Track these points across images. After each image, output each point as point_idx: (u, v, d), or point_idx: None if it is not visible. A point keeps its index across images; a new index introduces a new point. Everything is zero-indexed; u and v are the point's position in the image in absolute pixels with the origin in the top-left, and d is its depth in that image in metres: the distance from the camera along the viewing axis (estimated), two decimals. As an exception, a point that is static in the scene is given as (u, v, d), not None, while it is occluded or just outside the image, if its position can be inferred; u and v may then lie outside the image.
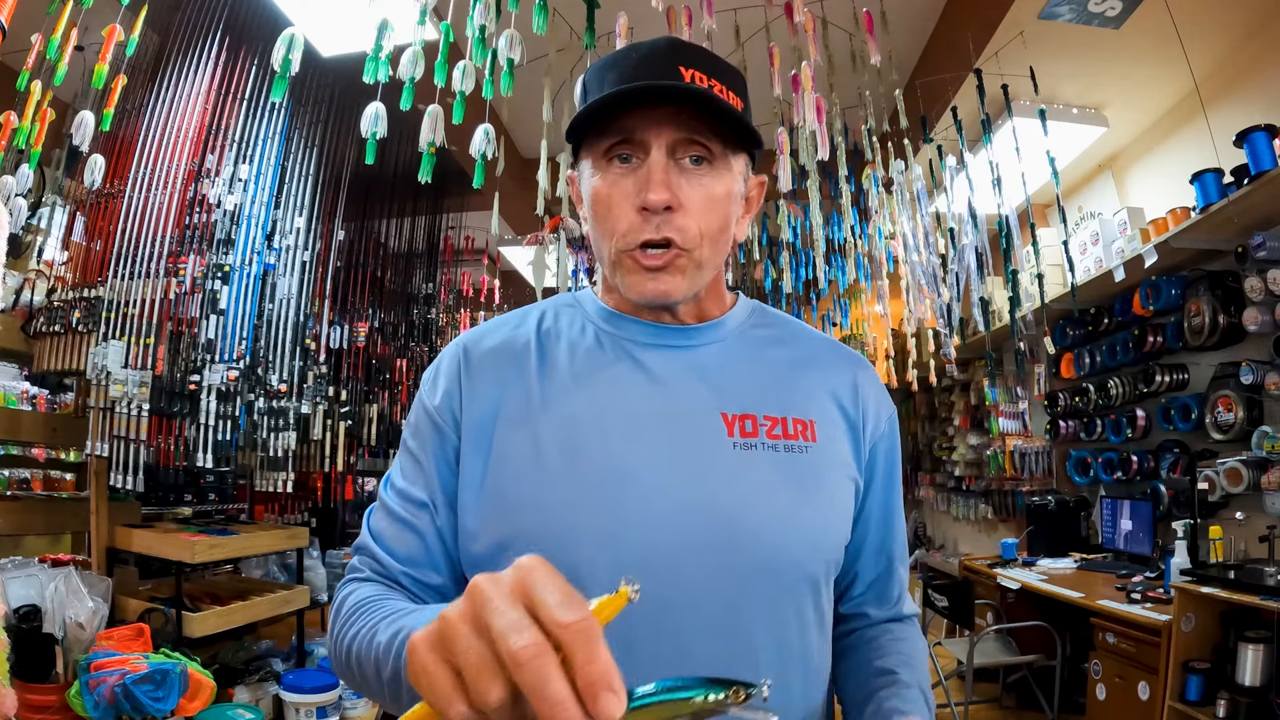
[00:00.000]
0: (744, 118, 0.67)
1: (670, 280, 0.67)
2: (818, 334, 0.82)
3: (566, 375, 0.72)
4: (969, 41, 2.89)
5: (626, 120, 0.66)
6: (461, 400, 0.73)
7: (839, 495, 0.71)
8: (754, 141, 0.70)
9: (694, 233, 0.67)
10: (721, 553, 0.64)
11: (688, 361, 0.72)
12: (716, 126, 0.67)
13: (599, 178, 0.69)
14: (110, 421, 2.42)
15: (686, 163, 0.67)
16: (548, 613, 0.35)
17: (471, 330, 0.80)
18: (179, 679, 1.99)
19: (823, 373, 0.75)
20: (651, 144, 0.65)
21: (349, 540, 3.85)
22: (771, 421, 0.69)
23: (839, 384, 0.75)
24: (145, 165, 2.60)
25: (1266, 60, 2.70)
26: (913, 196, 3.33)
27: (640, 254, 0.67)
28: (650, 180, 0.65)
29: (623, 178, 0.67)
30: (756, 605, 0.65)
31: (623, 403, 0.70)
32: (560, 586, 0.37)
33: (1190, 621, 2.24)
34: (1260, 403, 2.61)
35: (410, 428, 0.76)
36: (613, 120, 0.66)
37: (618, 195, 0.67)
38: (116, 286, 2.50)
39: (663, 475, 0.65)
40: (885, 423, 0.77)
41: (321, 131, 3.19)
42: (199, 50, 2.72)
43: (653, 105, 0.65)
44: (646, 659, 0.62)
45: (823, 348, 0.79)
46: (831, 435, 0.72)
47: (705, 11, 2.14)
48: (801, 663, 0.67)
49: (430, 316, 4.29)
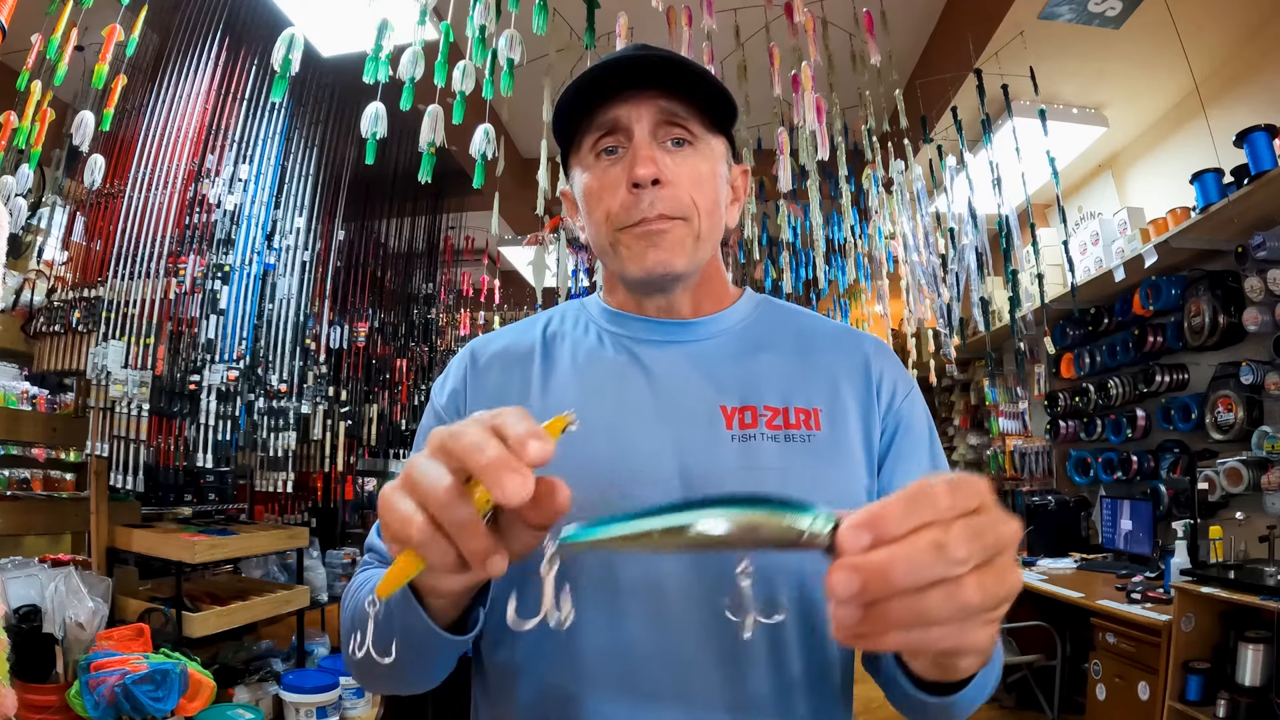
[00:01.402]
0: (719, 82, 0.70)
1: (670, 249, 0.69)
2: (827, 321, 0.81)
3: (568, 373, 0.74)
4: (969, 41, 2.89)
5: (608, 112, 0.69)
6: (466, 399, 0.76)
7: (846, 482, 0.69)
8: (730, 113, 0.73)
9: (686, 202, 0.69)
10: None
11: (688, 356, 0.73)
12: (694, 107, 0.70)
13: (589, 174, 0.71)
14: (110, 421, 2.42)
15: (669, 145, 0.69)
16: (498, 429, 0.40)
17: (481, 336, 0.83)
18: (179, 679, 1.99)
19: (831, 358, 0.74)
20: (634, 128, 0.68)
21: (349, 540, 3.85)
22: (772, 412, 0.69)
23: (849, 367, 0.74)
24: (145, 165, 2.60)
25: (1266, 60, 2.70)
26: (913, 196, 3.33)
27: (636, 226, 0.68)
28: (637, 157, 0.67)
29: (611, 167, 0.70)
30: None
31: (622, 398, 0.71)
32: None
33: (1190, 621, 2.24)
34: (1260, 403, 2.61)
35: (421, 430, 0.80)
36: (595, 115, 0.69)
37: (608, 182, 0.69)
38: (116, 286, 2.50)
39: (660, 469, 0.66)
40: (903, 396, 0.74)
41: (321, 131, 3.19)
42: (199, 50, 2.72)
43: (632, 90, 0.68)
44: (640, 651, 0.63)
45: (832, 332, 0.78)
46: (840, 421, 0.71)
47: (705, 11, 2.14)
48: (803, 655, 0.66)
49: (430, 316, 4.29)
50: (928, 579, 0.32)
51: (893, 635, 0.33)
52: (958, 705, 0.56)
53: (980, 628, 0.34)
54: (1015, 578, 0.35)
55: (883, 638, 0.33)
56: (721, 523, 0.37)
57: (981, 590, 0.33)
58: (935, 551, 0.32)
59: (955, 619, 0.33)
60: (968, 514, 0.33)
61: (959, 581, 0.32)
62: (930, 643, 0.34)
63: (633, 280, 0.72)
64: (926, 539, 0.32)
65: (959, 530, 0.32)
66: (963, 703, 0.56)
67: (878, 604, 0.32)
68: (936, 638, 0.34)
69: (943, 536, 0.32)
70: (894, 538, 0.33)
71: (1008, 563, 0.34)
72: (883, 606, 0.32)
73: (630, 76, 0.68)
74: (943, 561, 0.32)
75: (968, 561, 0.32)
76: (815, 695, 0.67)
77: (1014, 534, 0.34)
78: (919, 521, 0.33)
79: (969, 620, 0.34)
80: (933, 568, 0.32)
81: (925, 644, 0.34)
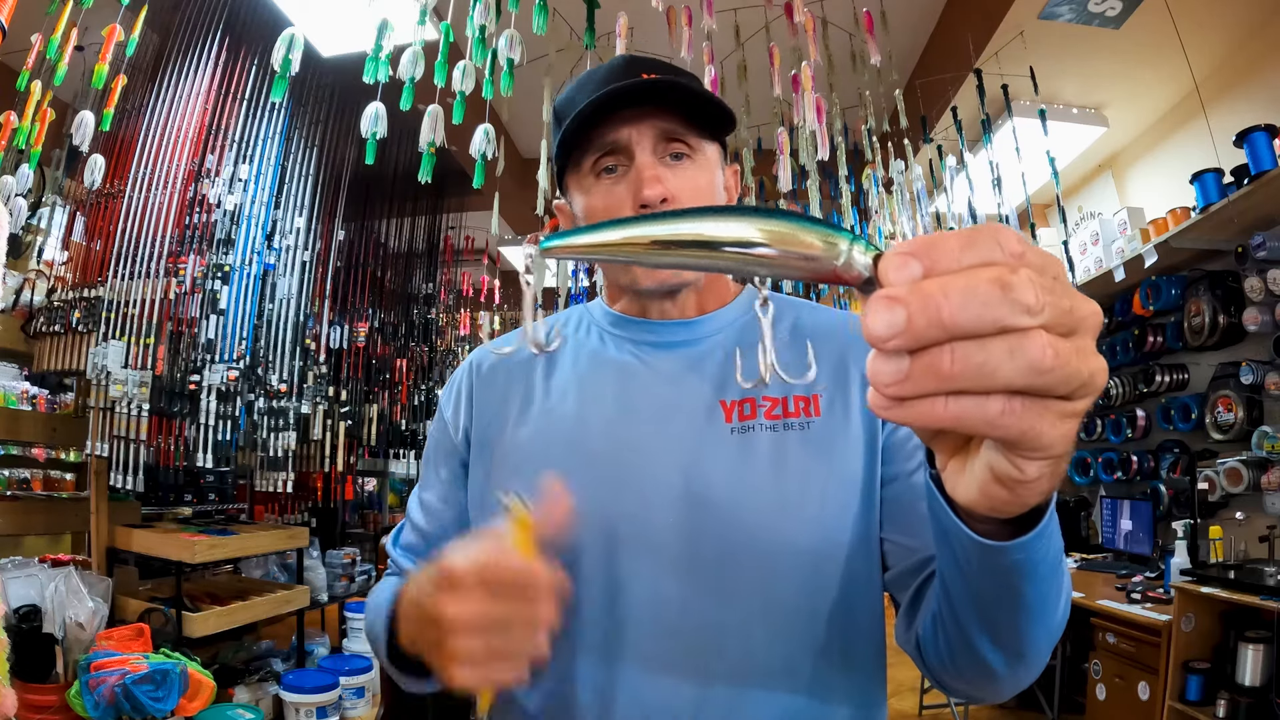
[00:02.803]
0: (716, 97, 0.71)
1: None
2: (826, 309, 0.81)
3: (570, 376, 0.75)
4: (969, 41, 2.89)
5: (607, 133, 0.69)
6: (473, 408, 0.78)
7: (841, 468, 0.68)
8: (728, 122, 0.73)
9: None
10: (714, 538, 0.65)
11: (690, 355, 0.74)
12: (690, 121, 0.71)
13: (590, 195, 0.72)
14: (110, 421, 2.42)
15: (668, 160, 0.70)
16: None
17: (484, 344, 0.87)
18: (179, 679, 1.98)
19: (830, 344, 0.74)
20: (635, 148, 0.69)
21: (349, 540, 3.85)
22: (771, 402, 0.70)
23: (850, 352, 0.74)
24: (145, 165, 2.60)
25: (1266, 60, 2.70)
26: (913, 196, 3.33)
27: None
28: (642, 178, 0.68)
29: (613, 186, 0.70)
30: (752, 590, 0.65)
31: (623, 397, 0.72)
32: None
33: (1190, 621, 2.24)
34: (1260, 403, 2.61)
35: (430, 440, 0.83)
36: (594, 137, 0.70)
37: (612, 203, 0.70)
38: (116, 286, 2.50)
39: (660, 466, 0.67)
40: None
41: (321, 131, 3.19)
42: (199, 50, 2.72)
43: (630, 110, 0.69)
44: (639, 644, 0.64)
45: (834, 318, 0.78)
46: (841, 406, 0.70)
47: (705, 11, 2.14)
48: (809, 645, 0.66)
49: (430, 316, 4.28)
50: (989, 322, 0.26)
51: (941, 402, 0.27)
52: (1025, 570, 0.42)
53: (1053, 416, 0.28)
54: (1099, 364, 0.28)
55: (930, 405, 0.27)
56: (744, 227, 0.30)
57: (1056, 353, 0.26)
58: (999, 288, 0.25)
59: (1021, 382, 0.26)
60: (1039, 271, 0.27)
61: (1027, 334, 0.26)
62: (989, 419, 0.27)
63: (646, 290, 0.73)
64: (989, 274, 0.26)
65: (1028, 274, 0.26)
66: (1031, 567, 0.42)
67: (926, 352, 0.26)
68: (997, 412, 0.27)
69: (1008, 275, 0.26)
70: (950, 270, 0.26)
71: (1087, 345, 0.28)
72: (933, 355, 0.26)
73: (630, 100, 0.69)
74: (1007, 303, 0.25)
75: (1038, 312, 0.26)
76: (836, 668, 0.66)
77: (1094, 314, 0.28)
78: (981, 259, 0.27)
79: (1038, 397, 0.27)
80: (995, 308, 0.25)
81: (982, 419, 0.27)
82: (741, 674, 0.64)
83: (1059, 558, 0.46)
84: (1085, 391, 0.28)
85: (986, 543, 0.40)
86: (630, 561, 0.66)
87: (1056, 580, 0.47)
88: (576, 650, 0.66)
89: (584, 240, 0.33)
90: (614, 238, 0.32)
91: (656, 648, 0.65)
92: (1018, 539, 0.40)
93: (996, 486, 0.32)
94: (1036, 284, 0.26)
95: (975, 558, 0.42)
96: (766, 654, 0.65)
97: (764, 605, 0.65)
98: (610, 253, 0.33)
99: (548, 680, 0.66)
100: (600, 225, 0.33)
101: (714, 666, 0.64)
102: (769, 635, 0.65)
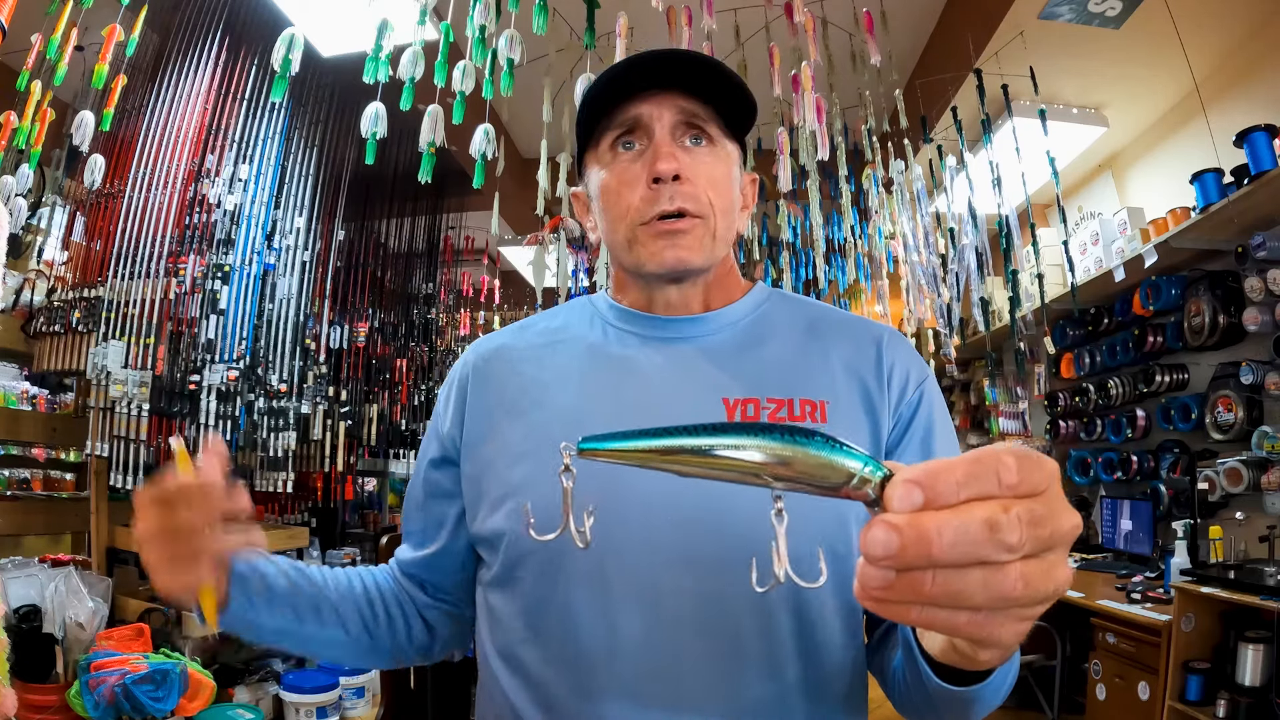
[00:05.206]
0: (740, 80, 0.71)
1: (688, 247, 0.69)
2: (839, 311, 0.80)
3: (571, 369, 0.74)
4: (969, 41, 2.89)
5: (629, 110, 0.70)
6: (467, 403, 0.77)
7: None
8: (747, 117, 0.74)
9: (705, 200, 0.69)
10: (707, 538, 0.64)
11: (694, 350, 0.73)
12: (712, 109, 0.71)
13: (606, 171, 0.72)
14: (110, 421, 2.42)
15: (687, 142, 0.70)
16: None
17: (481, 338, 0.85)
18: (179, 679, 1.98)
19: (841, 350, 0.73)
20: (654, 126, 0.69)
21: (349, 540, 3.85)
22: (776, 404, 0.69)
23: (860, 359, 0.73)
24: (145, 165, 2.60)
25: (1266, 60, 2.70)
26: (913, 196, 3.33)
27: (657, 222, 0.69)
28: (659, 153, 0.68)
29: (630, 163, 0.70)
30: (742, 594, 0.64)
31: (623, 393, 0.71)
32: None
33: (1190, 621, 2.24)
34: (1260, 403, 2.61)
35: (428, 433, 0.82)
36: (614, 114, 0.70)
37: (628, 178, 0.70)
38: (116, 286, 2.50)
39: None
40: (915, 387, 0.73)
41: (321, 131, 3.19)
42: (199, 50, 2.72)
43: (653, 89, 0.69)
44: (633, 648, 0.64)
45: (843, 322, 0.77)
46: (846, 415, 0.70)
47: (705, 11, 2.14)
48: (798, 654, 0.66)
49: (430, 316, 4.28)
50: (972, 558, 0.29)
51: (917, 610, 0.31)
52: (974, 703, 0.52)
53: (1012, 622, 0.32)
54: (1064, 576, 0.31)
55: (905, 609, 0.31)
56: (764, 450, 0.32)
57: (1025, 583, 0.30)
58: (987, 530, 0.29)
59: (988, 607, 0.30)
60: (1031, 496, 0.30)
61: (1003, 568, 0.29)
62: (954, 626, 0.31)
63: (650, 274, 0.72)
64: (981, 514, 0.29)
65: (1018, 513, 0.29)
66: (979, 701, 0.52)
67: (911, 571, 0.30)
68: (963, 622, 0.31)
69: (999, 516, 0.29)
70: (947, 504, 0.29)
71: (1059, 559, 0.31)
72: (916, 575, 0.30)
73: (654, 75, 0.69)
74: (992, 543, 0.29)
75: (1019, 550, 0.29)
76: (815, 701, 0.66)
77: (1073, 529, 0.31)
78: (978, 493, 0.30)
79: (1002, 611, 0.31)
80: (980, 548, 0.29)
81: (948, 626, 0.31)
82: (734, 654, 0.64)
83: (1002, 684, 0.54)
84: (1048, 601, 0.32)
85: (944, 686, 0.50)
86: (625, 558, 0.65)
87: (999, 698, 0.56)
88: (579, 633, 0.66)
89: (620, 447, 0.34)
90: (652, 445, 0.34)
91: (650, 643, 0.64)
92: (971, 685, 0.50)
93: (956, 655, 0.42)
94: (1023, 522, 0.29)
95: (932, 683, 0.52)
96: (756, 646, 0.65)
97: (756, 612, 0.65)
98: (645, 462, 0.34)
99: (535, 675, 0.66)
100: (635, 436, 0.34)
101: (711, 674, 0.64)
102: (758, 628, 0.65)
